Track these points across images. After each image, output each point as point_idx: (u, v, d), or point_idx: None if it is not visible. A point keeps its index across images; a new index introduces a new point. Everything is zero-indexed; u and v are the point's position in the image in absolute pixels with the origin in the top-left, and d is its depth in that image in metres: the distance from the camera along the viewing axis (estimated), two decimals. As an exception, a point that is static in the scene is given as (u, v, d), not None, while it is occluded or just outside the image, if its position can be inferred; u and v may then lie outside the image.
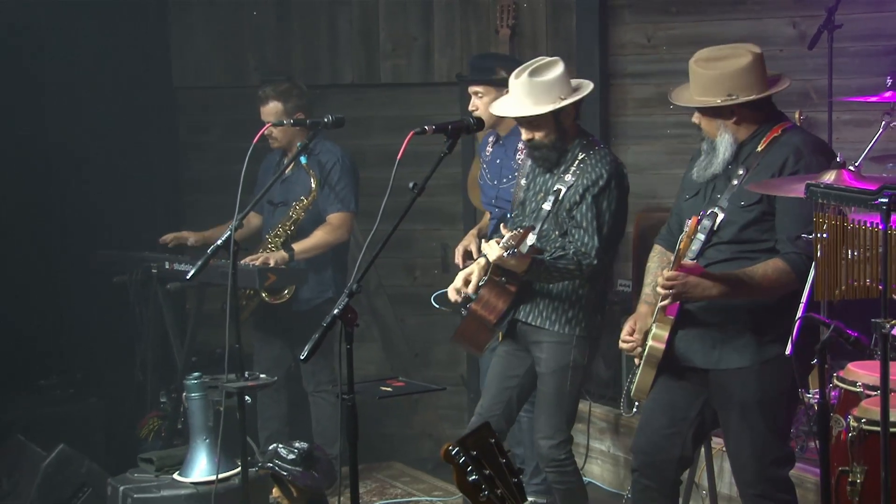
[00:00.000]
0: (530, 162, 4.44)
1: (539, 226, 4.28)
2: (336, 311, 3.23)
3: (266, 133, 4.98)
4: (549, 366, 4.29)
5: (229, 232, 4.10)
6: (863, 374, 3.47)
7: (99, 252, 5.75)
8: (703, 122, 3.76)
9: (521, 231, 4.23)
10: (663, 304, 3.69)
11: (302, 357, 3.24)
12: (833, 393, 3.55)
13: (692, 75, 3.73)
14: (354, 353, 3.28)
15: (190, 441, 4.64)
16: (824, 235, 3.02)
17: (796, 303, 3.54)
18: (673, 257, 3.80)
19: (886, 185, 2.80)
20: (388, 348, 6.68)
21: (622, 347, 3.93)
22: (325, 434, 5.53)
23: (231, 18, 6.71)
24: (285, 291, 5.40)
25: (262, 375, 4.33)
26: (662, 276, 3.61)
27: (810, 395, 3.94)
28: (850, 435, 3.26)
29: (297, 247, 5.40)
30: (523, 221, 4.36)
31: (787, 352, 3.54)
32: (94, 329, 5.94)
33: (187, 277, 4.41)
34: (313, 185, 5.39)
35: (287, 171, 5.36)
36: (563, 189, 4.24)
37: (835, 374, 3.58)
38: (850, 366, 3.57)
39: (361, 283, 3.30)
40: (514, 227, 4.36)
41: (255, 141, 4.34)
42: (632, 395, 3.83)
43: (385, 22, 6.58)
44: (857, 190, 2.94)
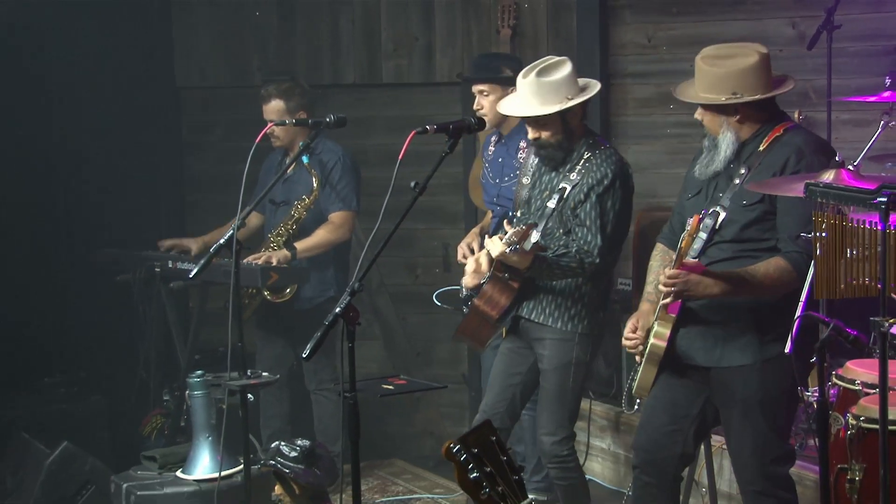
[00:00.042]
0: (535, 160, 4.45)
1: (543, 224, 4.29)
2: (338, 309, 3.23)
3: (268, 132, 4.99)
4: (552, 362, 4.30)
5: (232, 231, 4.11)
6: (861, 372, 3.48)
7: (102, 251, 5.75)
8: (706, 119, 3.76)
9: (523, 228, 4.23)
10: (665, 302, 3.69)
11: (304, 355, 3.23)
12: (832, 391, 3.56)
13: (698, 72, 3.73)
14: (356, 351, 3.29)
15: (193, 439, 4.65)
16: (823, 234, 3.03)
17: (798, 301, 3.55)
18: (675, 256, 3.81)
19: (885, 185, 2.80)
20: (390, 347, 6.69)
21: (625, 345, 3.92)
22: (327, 432, 5.54)
23: (233, 18, 6.71)
24: (287, 290, 5.41)
25: (264, 373, 4.35)
26: (664, 275, 3.61)
27: (809, 394, 3.95)
28: (849, 433, 3.27)
29: (300, 246, 5.40)
30: (528, 219, 4.37)
31: (786, 350, 3.56)
32: (98, 327, 5.94)
33: (190, 276, 4.43)
34: (315, 185, 5.40)
35: (289, 170, 5.37)
36: (568, 187, 4.25)
37: (834, 373, 3.59)
38: (849, 364, 3.57)
39: (363, 281, 3.30)
40: (518, 224, 4.37)
41: (257, 140, 4.36)
42: (633, 392, 3.83)
43: (387, 22, 6.59)
44: (856, 189, 2.94)
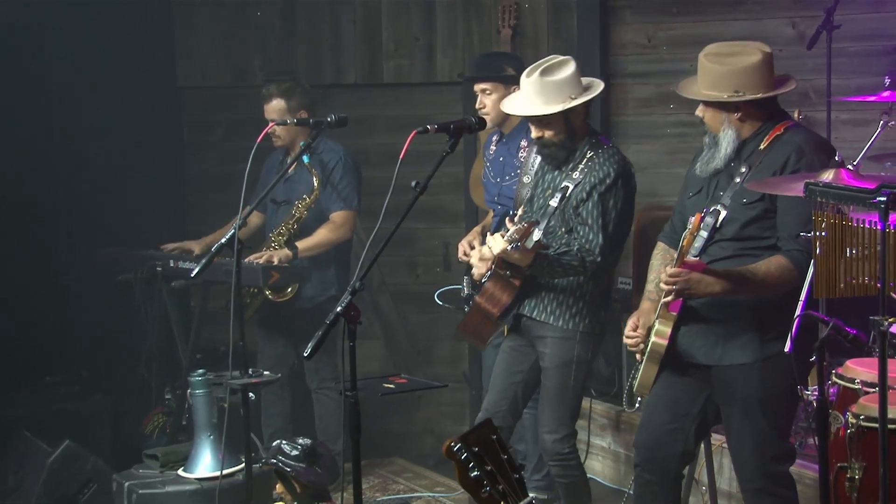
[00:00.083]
0: (538, 159, 4.46)
1: (545, 222, 4.29)
2: (339, 308, 3.23)
3: (269, 132, 5.00)
4: (553, 361, 4.31)
5: (233, 230, 4.12)
6: (861, 371, 3.48)
7: (103, 250, 5.76)
8: (708, 116, 3.76)
9: (525, 225, 4.23)
10: (666, 301, 3.70)
11: (305, 354, 3.23)
12: (832, 390, 3.56)
13: (701, 69, 3.73)
14: (357, 350, 3.29)
15: (194, 437, 4.65)
16: (823, 234, 3.03)
17: (798, 300, 3.55)
18: (676, 254, 3.81)
19: (884, 184, 2.81)
20: (391, 345, 6.69)
21: (626, 343, 3.92)
22: (328, 430, 5.55)
23: (235, 18, 6.72)
24: (289, 289, 5.41)
25: (265, 372, 4.35)
26: (666, 273, 3.61)
27: (809, 392, 3.95)
28: (849, 431, 3.27)
29: (301, 245, 5.41)
30: (531, 217, 4.37)
31: (786, 349, 3.57)
32: (99, 327, 5.95)
33: (192, 275, 4.43)
34: (316, 184, 5.41)
35: (290, 170, 5.37)
36: (571, 186, 4.25)
37: (833, 371, 3.59)
38: (849, 363, 3.58)
39: (364, 280, 3.30)
40: (520, 222, 4.37)
41: (258, 140, 4.37)
42: (634, 390, 3.83)
43: (388, 22, 6.60)
44: (855, 189, 2.95)
